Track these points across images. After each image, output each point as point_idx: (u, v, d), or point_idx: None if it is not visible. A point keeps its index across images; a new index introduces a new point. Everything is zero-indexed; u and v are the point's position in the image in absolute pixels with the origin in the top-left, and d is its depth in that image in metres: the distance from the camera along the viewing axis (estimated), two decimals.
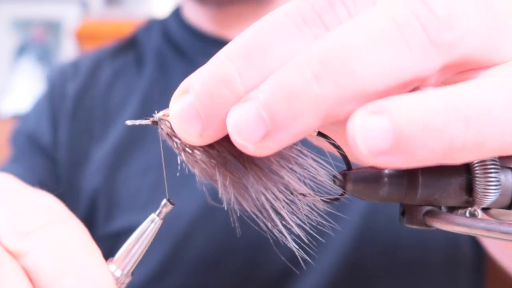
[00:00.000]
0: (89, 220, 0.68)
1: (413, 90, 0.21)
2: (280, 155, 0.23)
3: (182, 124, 0.22)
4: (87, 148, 0.71)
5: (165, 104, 0.25)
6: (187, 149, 0.23)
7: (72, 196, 0.69)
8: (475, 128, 0.18)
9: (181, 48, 0.74)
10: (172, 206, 0.27)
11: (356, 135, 0.18)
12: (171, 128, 0.23)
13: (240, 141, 0.20)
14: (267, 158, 0.23)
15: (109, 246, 0.66)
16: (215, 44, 0.72)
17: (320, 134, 0.24)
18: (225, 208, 0.24)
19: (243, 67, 0.21)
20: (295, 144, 0.23)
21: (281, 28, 0.21)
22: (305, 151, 0.24)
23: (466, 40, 0.20)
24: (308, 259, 0.25)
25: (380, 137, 0.18)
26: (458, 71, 0.21)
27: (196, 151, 0.23)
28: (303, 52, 0.20)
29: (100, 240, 0.70)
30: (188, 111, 0.21)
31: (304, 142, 0.24)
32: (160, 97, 0.71)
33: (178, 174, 0.25)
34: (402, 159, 0.18)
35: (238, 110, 0.20)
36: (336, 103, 0.19)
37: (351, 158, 0.25)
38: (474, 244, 0.65)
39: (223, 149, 0.23)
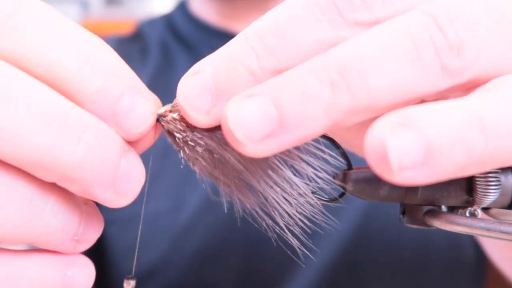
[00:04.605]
0: None
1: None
2: (281, 153, 0.23)
3: (191, 99, 0.21)
4: None
5: (169, 96, 0.25)
6: (189, 142, 0.23)
7: None
8: (493, 140, 0.18)
9: (186, 39, 0.75)
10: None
11: (389, 151, 0.18)
12: (173, 123, 0.23)
13: (240, 137, 0.19)
14: (269, 156, 0.23)
15: (108, 234, 0.66)
16: (220, 36, 0.72)
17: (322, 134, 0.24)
18: (226, 205, 0.24)
19: (259, 48, 0.21)
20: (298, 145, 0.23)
21: (297, 14, 0.21)
22: (305, 150, 0.24)
23: (475, 66, 0.20)
24: (308, 254, 0.25)
25: (412, 152, 0.18)
26: (464, 89, 0.21)
27: (197, 147, 0.23)
28: (321, 56, 0.20)
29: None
30: (199, 86, 0.21)
31: None
32: (164, 88, 0.71)
33: (181, 167, 0.25)
34: (426, 173, 0.18)
35: (243, 103, 0.19)
36: (347, 113, 0.19)
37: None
38: (476, 246, 0.65)
39: (224, 146, 0.23)
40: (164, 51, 0.75)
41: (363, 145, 0.19)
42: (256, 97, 0.19)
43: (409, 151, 0.18)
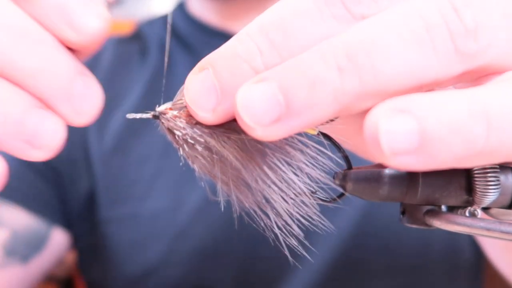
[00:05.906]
0: (91, 204, 0.69)
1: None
2: (282, 152, 0.23)
3: (198, 98, 0.21)
4: (88, 134, 0.70)
5: (169, 95, 0.25)
6: (189, 140, 0.23)
7: (79, 176, 0.69)
8: (496, 132, 0.18)
9: (185, 40, 0.75)
10: None
11: (381, 134, 0.18)
12: (173, 121, 0.23)
13: (249, 122, 0.20)
14: (268, 154, 0.23)
15: (106, 232, 0.66)
16: (219, 36, 0.72)
17: (322, 134, 0.24)
18: (224, 204, 0.24)
19: (263, 44, 0.21)
20: (298, 144, 0.23)
21: (301, 9, 0.21)
22: (305, 149, 0.24)
23: (489, 51, 0.20)
24: (307, 254, 0.25)
25: (405, 138, 0.18)
26: (474, 77, 0.21)
27: (197, 144, 0.23)
28: (329, 41, 0.20)
29: (100, 224, 0.70)
30: (204, 85, 0.21)
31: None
32: (163, 88, 0.71)
33: (181, 165, 0.25)
34: (422, 161, 0.18)
35: (251, 88, 0.20)
36: (355, 98, 0.19)
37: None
38: (475, 247, 0.65)
39: (224, 144, 0.23)
40: (164, 51, 0.75)
41: (363, 136, 0.19)
42: (264, 83, 0.19)
43: (402, 136, 0.18)
